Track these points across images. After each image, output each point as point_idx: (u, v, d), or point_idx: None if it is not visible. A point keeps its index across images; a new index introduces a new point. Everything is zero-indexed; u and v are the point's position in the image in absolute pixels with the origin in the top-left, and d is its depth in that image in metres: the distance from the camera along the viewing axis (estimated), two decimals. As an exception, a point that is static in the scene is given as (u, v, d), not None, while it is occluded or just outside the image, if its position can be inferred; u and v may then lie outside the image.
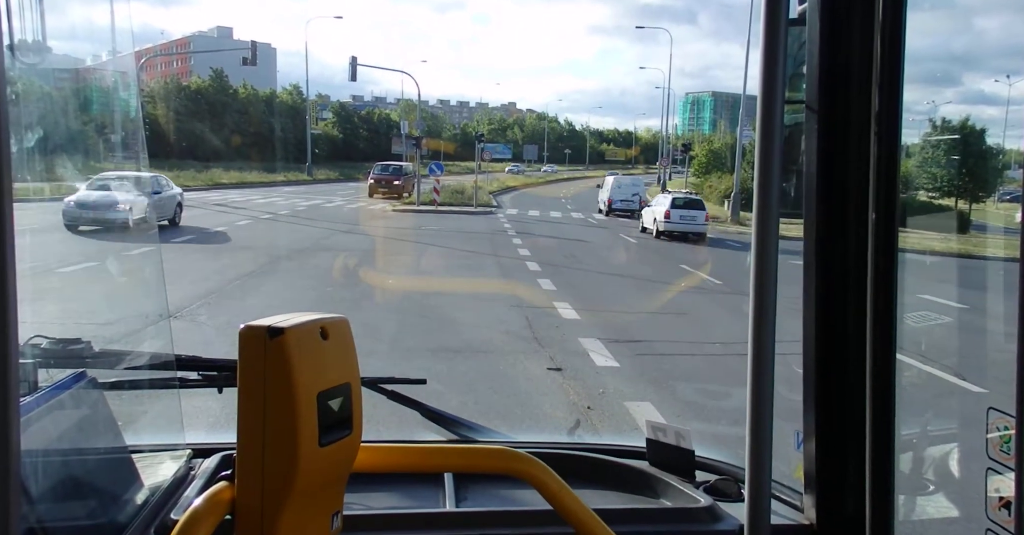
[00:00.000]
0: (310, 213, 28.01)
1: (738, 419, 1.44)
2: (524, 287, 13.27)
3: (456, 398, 6.54)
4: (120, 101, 3.02)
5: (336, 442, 1.00)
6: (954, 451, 1.78)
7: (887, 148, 1.37)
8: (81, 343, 1.62)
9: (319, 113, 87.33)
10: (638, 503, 1.69)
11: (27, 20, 1.47)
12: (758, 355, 1.41)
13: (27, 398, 1.24)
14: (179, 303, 9.82)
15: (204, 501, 0.96)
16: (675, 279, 16.10)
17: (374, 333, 8.86)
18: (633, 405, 6.76)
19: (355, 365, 1.06)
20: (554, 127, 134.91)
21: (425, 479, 1.73)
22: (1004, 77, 33.63)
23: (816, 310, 1.50)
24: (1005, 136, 31.11)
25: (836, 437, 1.50)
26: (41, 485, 1.18)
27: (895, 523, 1.42)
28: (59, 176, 2.13)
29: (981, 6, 33.35)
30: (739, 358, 1.47)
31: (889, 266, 1.39)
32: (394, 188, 37.76)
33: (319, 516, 1.04)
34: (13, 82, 1.55)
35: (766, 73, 1.35)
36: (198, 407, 4.17)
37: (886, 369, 1.40)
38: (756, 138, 1.39)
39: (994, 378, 4.97)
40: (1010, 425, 1.03)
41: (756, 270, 1.39)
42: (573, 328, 9.93)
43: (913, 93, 3.63)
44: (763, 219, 1.38)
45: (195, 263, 13.94)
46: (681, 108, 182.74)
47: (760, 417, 1.42)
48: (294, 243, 18.33)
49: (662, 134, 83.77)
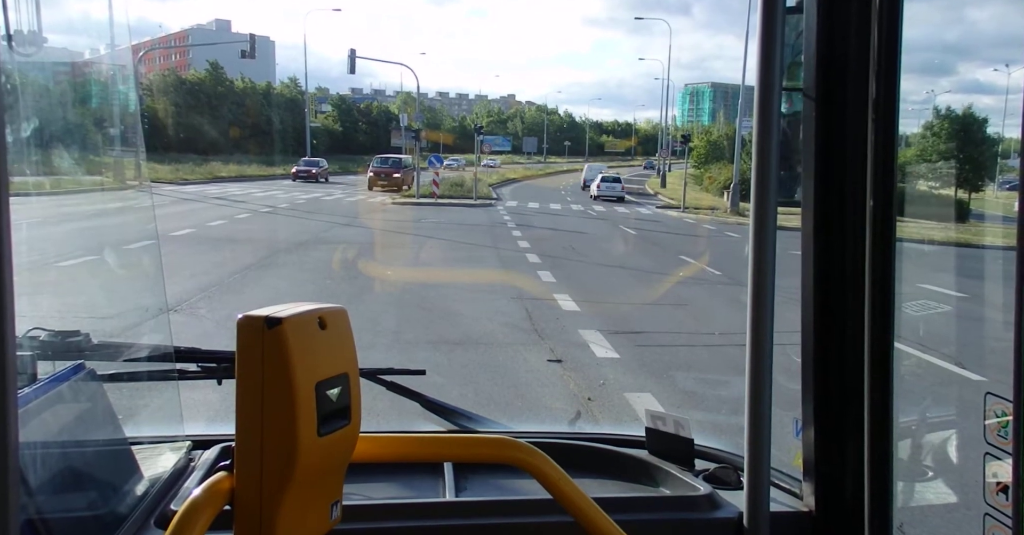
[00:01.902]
0: (310, 206, 27.98)
1: (737, 408, 1.45)
2: (524, 279, 13.27)
3: (456, 390, 6.55)
4: (118, 94, 3.00)
5: (335, 432, 1.00)
6: (953, 438, 1.78)
7: (885, 136, 1.36)
8: (80, 335, 1.62)
9: (318, 106, 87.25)
10: (638, 492, 1.69)
11: (23, 13, 1.47)
12: (756, 344, 1.41)
13: (25, 390, 1.24)
14: (179, 296, 9.83)
15: (203, 491, 0.96)
16: (674, 270, 16.10)
17: (374, 326, 8.87)
18: (633, 396, 6.77)
19: (353, 355, 1.06)
20: (553, 119, 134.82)
21: (425, 469, 1.74)
22: (1003, 66, 33.54)
23: (814, 299, 1.50)
24: (1004, 125, 31.06)
25: (835, 425, 1.51)
26: (40, 476, 1.18)
27: (894, 509, 1.43)
28: (57, 170, 2.13)
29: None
30: (739, 348, 1.48)
31: (887, 254, 1.39)
32: (393, 181, 37.79)
33: (318, 505, 1.05)
34: (10, 74, 1.55)
35: (764, 62, 1.35)
36: (198, 400, 4.18)
37: (884, 357, 1.40)
38: (754, 127, 1.38)
39: (993, 366, 4.97)
40: (1008, 410, 1.03)
41: (754, 259, 1.39)
42: (573, 319, 9.93)
43: (910, 82, 3.61)
44: (761, 208, 1.38)
45: (194, 256, 13.93)
46: (680, 99, 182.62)
47: (759, 406, 1.43)
48: (293, 236, 18.33)
49: (661, 125, 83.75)
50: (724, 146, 51.79)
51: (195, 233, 17.82)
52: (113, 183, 5.80)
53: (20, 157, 1.58)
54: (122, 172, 5.37)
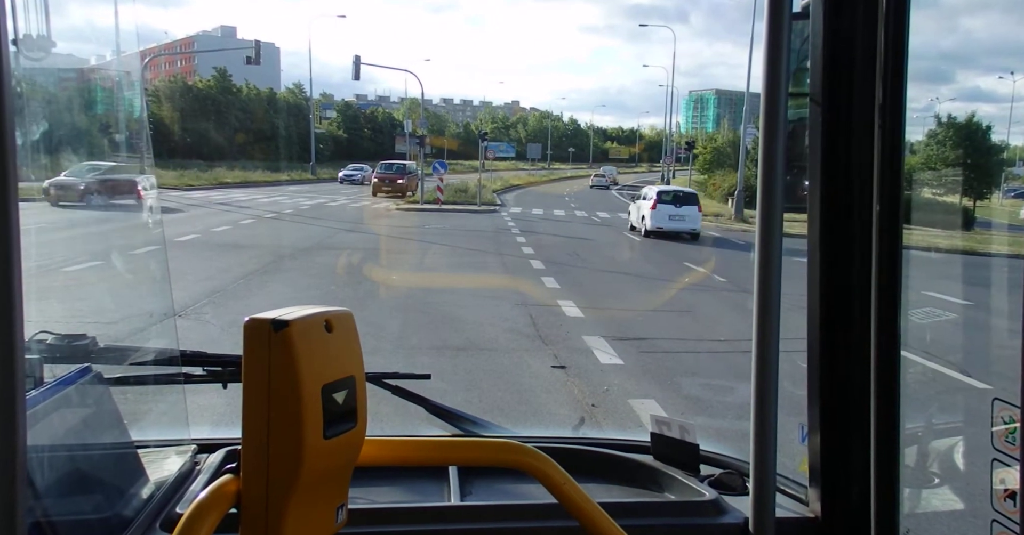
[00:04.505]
0: (314, 212, 28.03)
1: (743, 415, 1.44)
2: (528, 285, 13.27)
3: (460, 395, 6.55)
4: (124, 101, 3.02)
5: (341, 435, 1.00)
6: (959, 445, 1.77)
7: (891, 141, 1.36)
8: (86, 339, 1.62)
9: (323, 112, 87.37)
10: (643, 497, 1.69)
11: (32, 18, 1.47)
12: (762, 350, 1.41)
13: (32, 392, 1.25)
14: (185, 302, 9.84)
15: (209, 494, 0.96)
16: (679, 277, 16.08)
17: (378, 331, 8.87)
18: (638, 402, 6.76)
19: (360, 358, 1.06)
20: (557, 125, 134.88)
21: (429, 474, 1.73)
22: (1008, 74, 33.54)
23: (820, 305, 1.50)
24: (1010, 133, 31.03)
25: (841, 431, 1.50)
26: (47, 479, 1.18)
27: (900, 516, 1.42)
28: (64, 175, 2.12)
29: (983, 1, 33.36)
30: (744, 355, 1.46)
31: (893, 259, 1.38)
32: (398, 187, 37.85)
33: (324, 509, 1.04)
34: (19, 80, 1.56)
35: (770, 67, 1.35)
36: (204, 405, 4.19)
37: (890, 363, 1.40)
38: (760, 133, 1.38)
39: (999, 374, 4.96)
40: (1015, 416, 1.03)
41: (760, 264, 1.39)
42: (577, 326, 9.93)
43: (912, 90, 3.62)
44: (767, 214, 1.38)
45: (200, 262, 13.95)
46: (684, 106, 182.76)
47: (764, 411, 1.42)
48: (298, 242, 18.36)
49: (666, 132, 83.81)
50: (728, 153, 51.79)
51: (200, 238, 17.87)
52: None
53: (28, 162, 1.59)
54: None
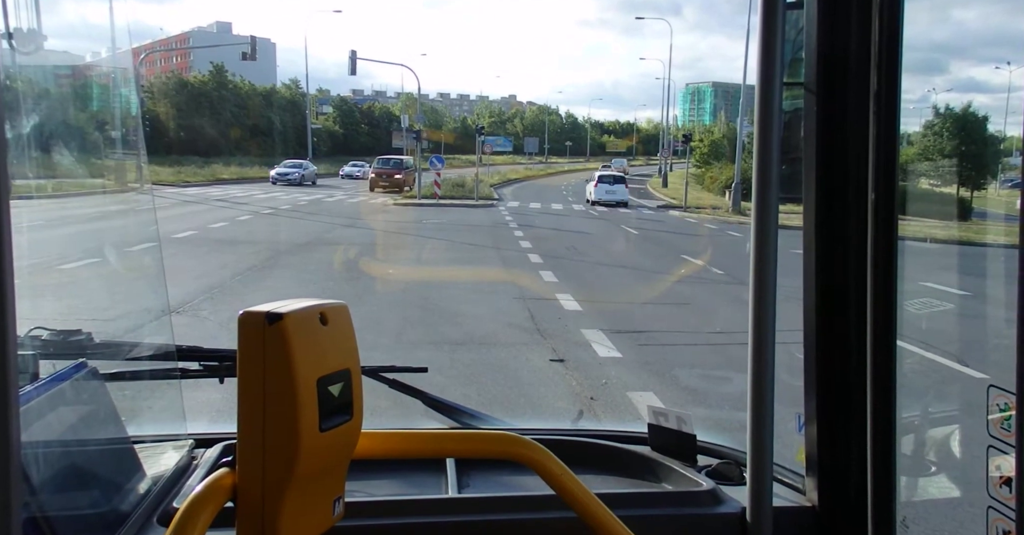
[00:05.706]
0: (312, 207, 28.00)
1: (740, 405, 1.45)
2: (526, 279, 13.26)
3: (459, 389, 6.55)
4: (120, 97, 3.00)
5: (336, 427, 1.00)
6: (955, 433, 1.78)
7: (887, 130, 1.36)
8: (81, 334, 1.62)
9: (319, 107, 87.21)
10: (640, 487, 1.69)
11: (23, 20, 1.47)
12: (758, 340, 1.41)
13: (27, 388, 1.24)
14: (182, 298, 9.83)
15: (205, 487, 0.96)
16: (676, 270, 16.09)
17: (376, 326, 8.86)
18: (636, 395, 6.76)
19: (355, 351, 1.06)
20: (554, 119, 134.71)
21: (427, 466, 1.74)
22: (1004, 64, 33.53)
23: (816, 296, 1.50)
24: (1006, 123, 31.07)
25: (838, 420, 1.50)
26: (43, 474, 1.18)
27: (897, 503, 1.42)
28: (59, 172, 2.13)
29: (978, -6, 33.42)
30: (741, 346, 1.47)
31: (889, 251, 1.38)
32: (395, 182, 37.84)
33: (321, 501, 1.04)
34: (12, 75, 1.55)
35: (764, 57, 1.35)
36: (200, 400, 4.18)
37: (886, 353, 1.40)
38: (755, 123, 1.38)
39: (995, 364, 4.97)
40: (1010, 403, 1.03)
41: (756, 255, 1.39)
42: (575, 319, 9.93)
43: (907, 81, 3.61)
44: (762, 204, 1.38)
45: (197, 258, 13.94)
46: (681, 99, 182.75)
47: (761, 402, 1.42)
48: (296, 237, 18.34)
49: (663, 125, 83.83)
50: (725, 145, 51.76)
51: (197, 235, 17.83)
52: (115, 186, 5.82)
53: (22, 160, 1.58)
54: (124, 174, 5.38)
